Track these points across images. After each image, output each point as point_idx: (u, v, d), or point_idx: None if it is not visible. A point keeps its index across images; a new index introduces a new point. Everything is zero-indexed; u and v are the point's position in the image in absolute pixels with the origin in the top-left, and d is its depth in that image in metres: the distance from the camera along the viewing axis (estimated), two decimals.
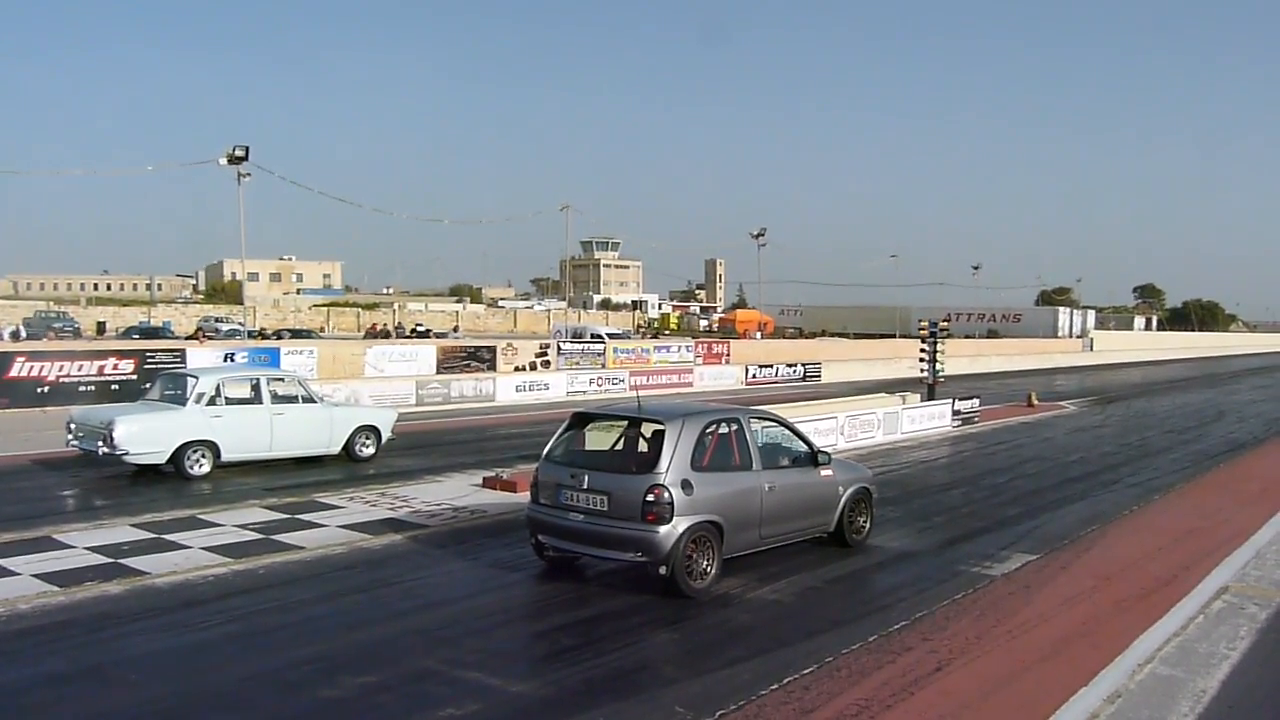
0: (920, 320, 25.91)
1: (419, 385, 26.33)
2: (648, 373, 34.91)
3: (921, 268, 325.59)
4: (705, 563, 8.48)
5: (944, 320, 26.07)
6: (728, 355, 41.86)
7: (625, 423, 9.23)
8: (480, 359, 32.25)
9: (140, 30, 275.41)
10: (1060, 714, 6.07)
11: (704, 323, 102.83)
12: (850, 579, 9.50)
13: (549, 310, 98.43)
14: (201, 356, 25.42)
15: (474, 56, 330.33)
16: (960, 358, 51.07)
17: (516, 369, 32.40)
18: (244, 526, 10.88)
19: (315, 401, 15.43)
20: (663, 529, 8.08)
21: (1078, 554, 10.48)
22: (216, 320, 62.47)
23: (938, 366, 23.96)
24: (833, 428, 18.50)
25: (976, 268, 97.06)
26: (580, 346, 37.72)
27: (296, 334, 53.29)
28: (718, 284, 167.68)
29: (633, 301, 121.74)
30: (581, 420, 9.38)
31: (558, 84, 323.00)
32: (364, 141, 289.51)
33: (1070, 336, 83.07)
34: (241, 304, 60.11)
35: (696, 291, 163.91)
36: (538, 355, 34.57)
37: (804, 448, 10.08)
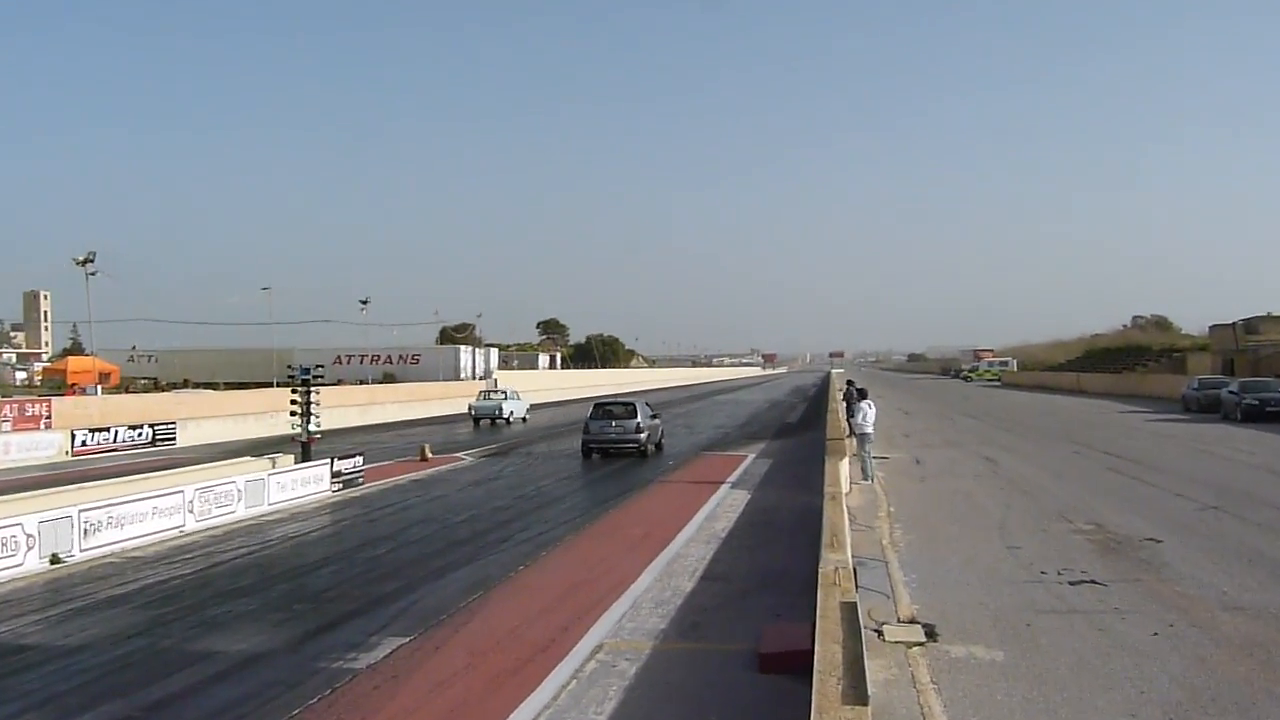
0: (289, 367, 25.56)
1: None
2: None
3: (305, 303, 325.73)
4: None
5: (332, 363, 26.27)
6: (49, 417, 37.72)
7: (621, 405, 32.26)
8: None
9: None
10: None
11: (21, 375, 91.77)
12: (176, 701, 8.80)
13: None
14: None
15: None
16: (349, 408, 51.93)
17: None
18: None
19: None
20: (641, 436, 30.09)
21: (455, 629, 10.92)
22: None
23: (313, 421, 23.85)
24: (178, 505, 17.45)
25: (365, 302, 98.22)
26: None
27: None
28: (42, 324, 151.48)
29: None
30: (601, 405, 31.98)
31: None
32: None
33: (474, 377, 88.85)
34: None
35: (12, 334, 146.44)
36: None
37: None
